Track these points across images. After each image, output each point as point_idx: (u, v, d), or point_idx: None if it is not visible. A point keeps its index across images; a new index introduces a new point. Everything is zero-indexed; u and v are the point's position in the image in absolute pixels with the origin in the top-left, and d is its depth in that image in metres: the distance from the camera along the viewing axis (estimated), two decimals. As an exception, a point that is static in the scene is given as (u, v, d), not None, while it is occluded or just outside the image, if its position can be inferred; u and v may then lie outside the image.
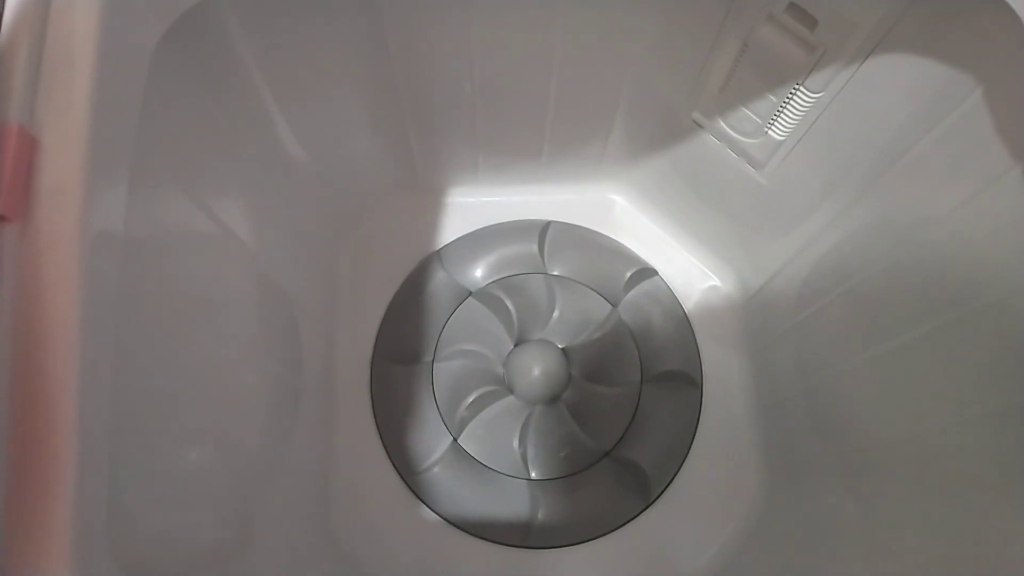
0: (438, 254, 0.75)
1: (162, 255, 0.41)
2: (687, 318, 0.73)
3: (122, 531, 0.31)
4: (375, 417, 0.69)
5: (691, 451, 0.69)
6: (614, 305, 0.73)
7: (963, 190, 0.41)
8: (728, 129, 0.57)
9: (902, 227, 0.47)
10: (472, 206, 0.76)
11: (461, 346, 0.71)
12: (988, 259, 0.39)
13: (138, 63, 0.32)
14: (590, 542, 0.66)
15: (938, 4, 0.38)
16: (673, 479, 0.68)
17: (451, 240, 0.75)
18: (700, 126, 0.60)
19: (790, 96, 0.50)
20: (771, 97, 0.51)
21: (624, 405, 0.70)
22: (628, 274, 0.74)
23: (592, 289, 0.74)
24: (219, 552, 0.46)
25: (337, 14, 0.48)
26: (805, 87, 0.48)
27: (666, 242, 0.76)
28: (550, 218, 0.77)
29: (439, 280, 0.73)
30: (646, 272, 0.75)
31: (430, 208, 0.76)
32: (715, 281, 0.75)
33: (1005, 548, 0.38)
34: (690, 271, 0.75)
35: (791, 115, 0.51)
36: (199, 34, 0.41)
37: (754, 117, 0.54)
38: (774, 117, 0.52)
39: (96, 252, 0.28)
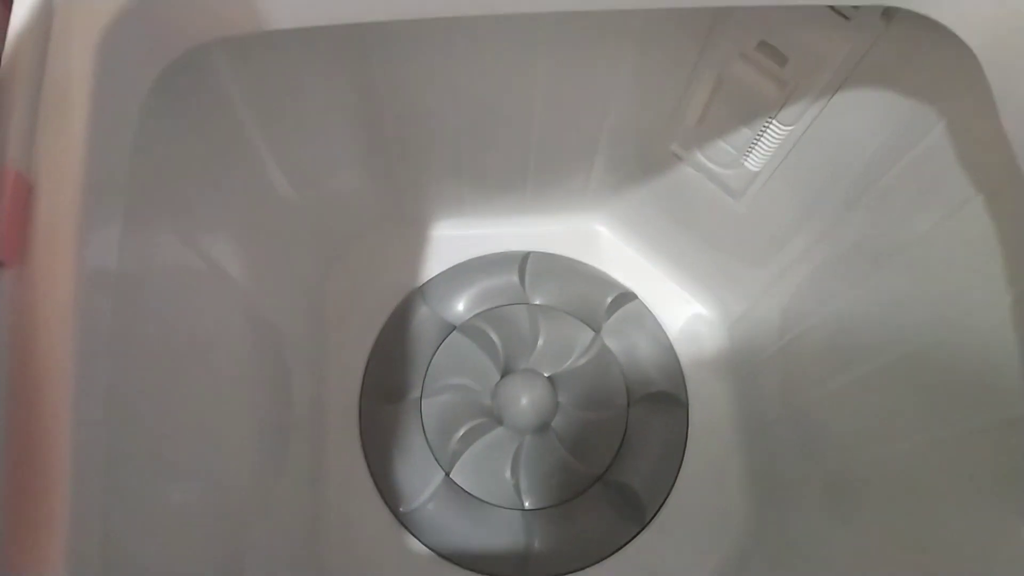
0: (423, 288, 0.75)
1: (152, 293, 0.41)
2: (671, 344, 0.74)
3: (112, 565, 0.32)
4: (364, 453, 0.69)
5: (680, 475, 0.69)
6: (597, 332, 0.74)
7: (930, 217, 0.42)
8: (706, 161, 0.59)
9: (874, 254, 0.48)
10: (458, 239, 0.78)
11: (448, 380, 0.72)
12: (955, 282, 0.41)
13: (131, 107, 0.33)
14: (584, 570, 0.66)
15: (900, 42, 0.40)
16: (664, 503, 0.68)
17: (436, 273, 0.76)
18: (679, 158, 0.62)
19: (764, 129, 0.51)
20: (746, 130, 0.53)
21: (613, 430, 0.71)
22: (610, 300, 0.75)
23: (575, 317, 0.75)
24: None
25: (323, 58, 0.49)
26: (778, 120, 0.50)
27: (650, 271, 0.77)
28: (536, 249, 0.78)
29: (424, 314, 0.74)
30: (628, 298, 0.76)
31: (416, 241, 0.77)
32: (699, 308, 0.76)
33: (988, 563, 0.39)
34: (674, 299, 0.77)
35: (765, 147, 0.52)
36: (190, 78, 0.42)
37: (730, 149, 0.56)
38: (749, 149, 0.54)
39: (90, 293, 0.28)
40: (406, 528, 0.66)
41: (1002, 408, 0.38)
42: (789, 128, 0.50)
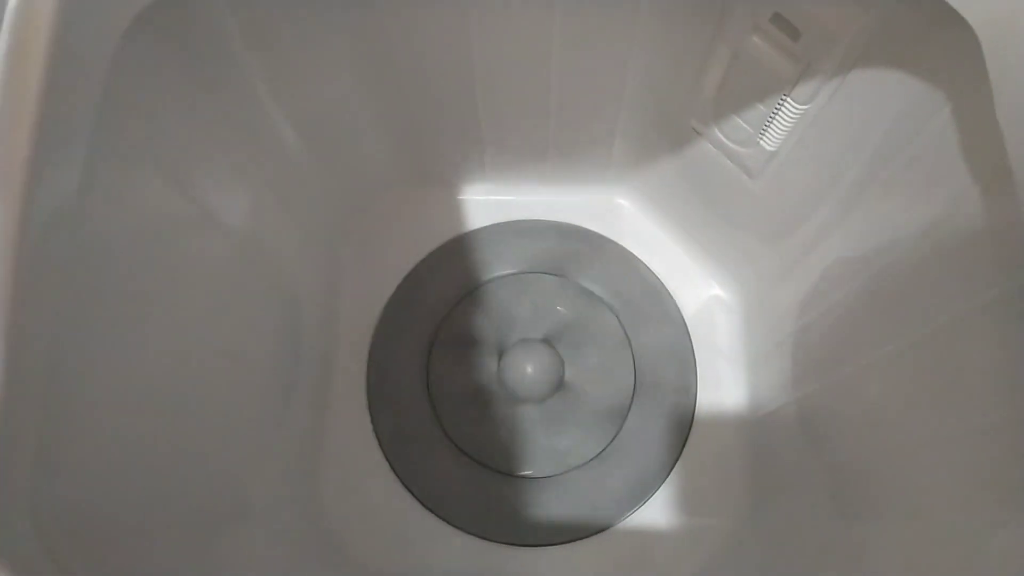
0: (440, 250, 0.76)
1: (149, 242, 0.42)
2: (685, 325, 0.73)
3: (70, 505, 0.33)
4: (370, 408, 0.70)
5: (682, 457, 0.69)
6: (613, 309, 0.74)
7: (936, 204, 0.40)
8: (723, 138, 0.57)
9: (886, 239, 0.46)
10: (477, 204, 0.77)
11: (459, 342, 0.72)
12: (961, 270, 0.39)
13: (102, 48, 0.32)
14: (575, 542, 0.66)
15: (911, 20, 0.38)
16: (663, 483, 0.68)
17: (455, 236, 0.77)
18: (699, 133, 0.60)
19: (778, 107, 0.49)
20: (761, 107, 0.51)
21: (617, 408, 0.70)
22: (630, 279, 0.74)
23: (592, 292, 0.74)
24: (206, 526, 0.48)
25: (330, 10, 0.49)
26: (792, 99, 0.48)
27: (670, 248, 0.76)
28: (556, 219, 0.77)
29: (441, 276, 0.75)
30: (646, 275, 0.75)
31: (436, 204, 0.77)
32: (716, 289, 0.74)
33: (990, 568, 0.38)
34: (693, 278, 0.75)
35: (780, 126, 0.51)
36: (181, 22, 0.41)
37: (746, 127, 0.54)
38: (765, 127, 0.52)
39: (46, 233, 0.29)
40: (406, 488, 0.68)
41: (1015, 407, 0.36)
42: (804, 107, 0.48)
